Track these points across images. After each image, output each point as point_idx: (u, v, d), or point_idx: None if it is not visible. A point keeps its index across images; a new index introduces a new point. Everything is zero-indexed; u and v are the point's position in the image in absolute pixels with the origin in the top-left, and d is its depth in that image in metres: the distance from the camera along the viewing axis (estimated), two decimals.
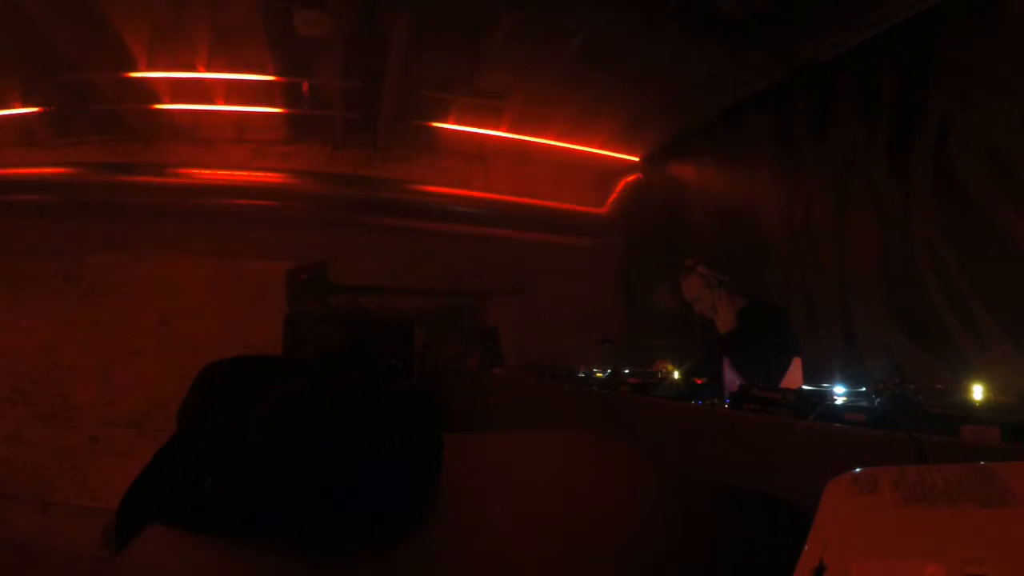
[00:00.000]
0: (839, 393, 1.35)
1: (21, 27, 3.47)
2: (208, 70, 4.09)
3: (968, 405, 1.09)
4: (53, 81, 4.07)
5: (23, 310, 4.82)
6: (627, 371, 2.58)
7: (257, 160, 5.01)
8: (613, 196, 5.53)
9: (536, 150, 5.25)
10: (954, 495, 0.37)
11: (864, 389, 1.36)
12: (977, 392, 1.12)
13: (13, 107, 4.37)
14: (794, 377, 2.42)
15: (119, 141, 4.87)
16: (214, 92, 4.40)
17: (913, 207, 2.87)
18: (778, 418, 1.39)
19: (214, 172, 4.84)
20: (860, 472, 0.43)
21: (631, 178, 5.44)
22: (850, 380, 1.42)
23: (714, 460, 1.52)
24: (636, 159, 5.26)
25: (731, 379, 2.47)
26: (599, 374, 2.62)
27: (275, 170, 4.94)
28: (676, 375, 2.19)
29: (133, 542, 0.56)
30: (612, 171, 5.50)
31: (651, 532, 0.64)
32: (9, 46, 3.66)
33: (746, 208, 4.02)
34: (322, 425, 0.64)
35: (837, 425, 1.23)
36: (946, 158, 2.72)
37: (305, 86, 4.32)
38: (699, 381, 2.08)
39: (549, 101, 4.50)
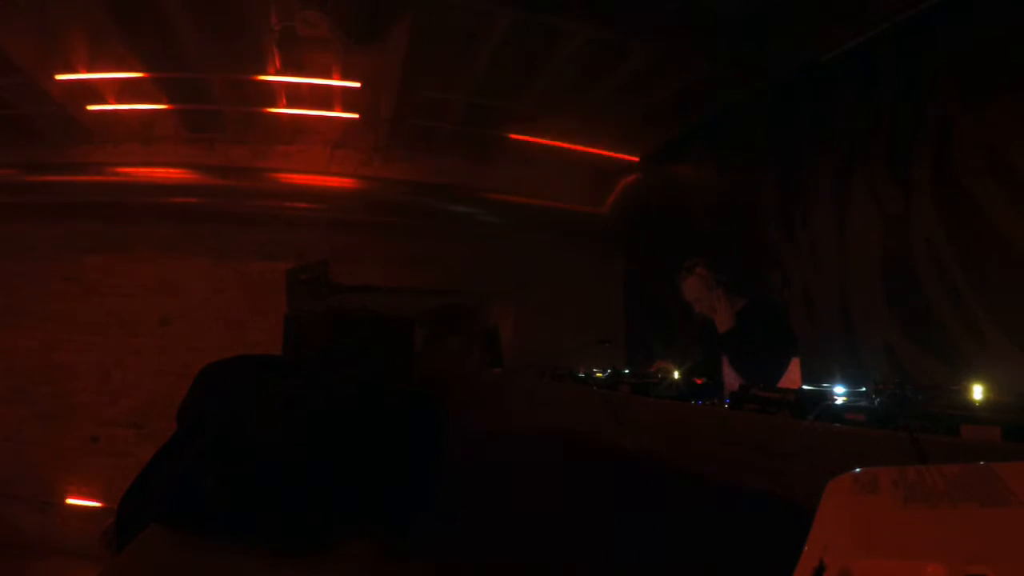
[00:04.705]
0: (839, 393, 1.35)
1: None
2: (207, 70, 4.09)
3: (968, 405, 1.09)
4: (52, 82, 4.07)
5: (23, 310, 4.82)
6: (627, 371, 2.58)
7: (257, 160, 5.00)
8: (613, 196, 5.52)
9: (537, 150, 5.24)
10: (954, 495, 0.36)
11: (864, 389, 1.36)
12: (977, 392, 1.12)
13: (13, 107, 4.37)
14: (793, 377, 2.43)
15: (118, 141, 4.87)
16: (213, 91, 4.39)
17: (913, 207, 2.87)
18: (778, 418, 1.39)
19: (213, 172, 4.84)
20: (860, 472, 0.43)
21: (631, 178, 5.44)
22: (850, 380, 1.42)
23: (714, 460, 1.52)
24: (636, 159, 5.25)
25: (730, 378, 2.48)
26: (599, 374, 2.61)
27: (275, 170, 4.94)
28: (676, 375, 2.19)
29: (133, 542, 0.56)
30: (612, 171, 5.49)
31: (652, 531, 0.64)
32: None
33: (746, 208, 4.02)
34: (322, 425, 0.64)
35: (837, 425, 1.23)
36: (946, 158, 2.72)
37: (305, 86, 4.31)
38: (699, 381, 2.08)
39: (551, 102, 4.49)
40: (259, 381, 0.72)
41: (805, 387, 1.53)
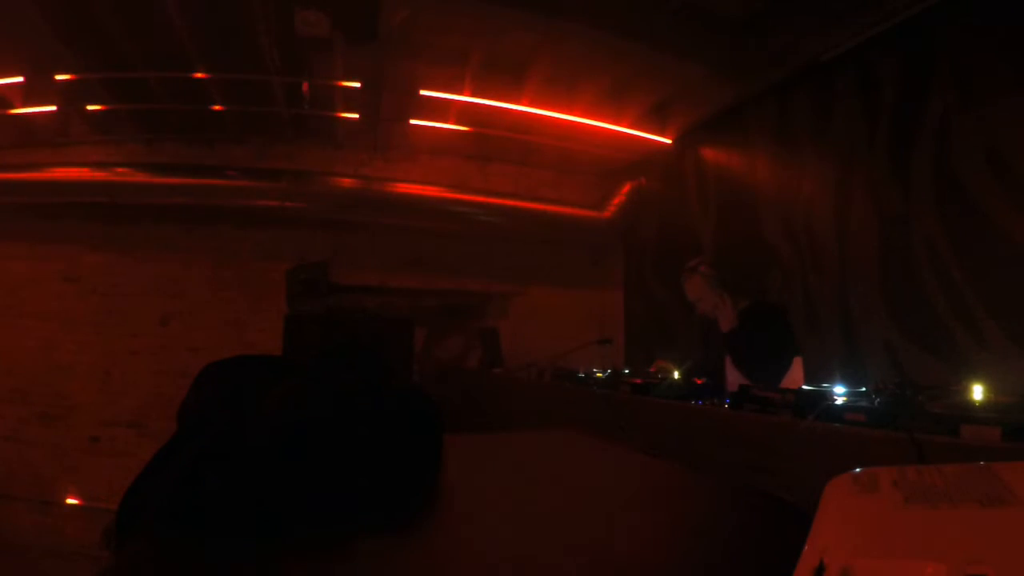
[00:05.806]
0: (839, 393, 1.35)
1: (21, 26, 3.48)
2: (207, 70, 4.09)
3: (968, 405, 1.09)
4: (53, 82, 4.07)
5: (23, 310, 4.82)
6: (627, 371, 2.59)
7: (257, 160, 5.01)
8: (613, 197, 5.52)
9: (536, 150, 5.24)
10: (954, 495, 0.36)
11: (864, 389, 1.36)
12: (977, 392, 1.12)
13: (15, 107, 4.37)
14: (794, 377, 2.43)
15: (117, 142, 4.87)
16: (213, 91, 4.39)
17: (913, 207, 2.87)
18: (778, 418, 1.39)
19: (213, 172, 4.84)
20: (860, 472, 0.43)
21: (631, 180, 5.43)
22: (850, 380, 1.42)
23: (714, 460, 1.52)
24: (636, 160, 5.25)
25: (733, 377, 2.48)
26: (599, 374, 2.62)
27: (276, 170, 4.94)
28: (676, 375, 2.20)
29: (133, 542, 0.56)
30: (612, 172, 5.49)
31: (650, 532, 0.64)
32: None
33: (746, 208, 4.02)
34: (322, 425, 0.64)
35: (837, 425, 1.23)
36: (946, 158, 2.72)
37: (305, 86, 4.31)
38: (699, 381, 2.09)
39: (545, 103, 4.50)
40: (259, 381, 0.72)
41: (805, 387, 1.54)
